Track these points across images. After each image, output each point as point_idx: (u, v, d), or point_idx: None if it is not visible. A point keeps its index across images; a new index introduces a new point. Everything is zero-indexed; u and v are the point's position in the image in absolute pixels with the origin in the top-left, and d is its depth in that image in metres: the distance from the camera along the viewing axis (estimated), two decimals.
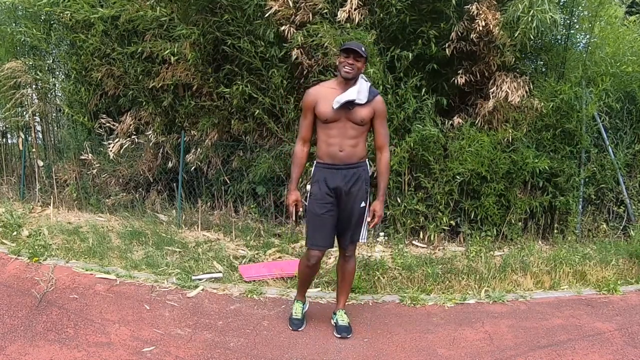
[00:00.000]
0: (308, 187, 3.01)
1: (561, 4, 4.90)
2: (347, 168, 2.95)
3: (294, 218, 3.03)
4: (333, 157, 2.94)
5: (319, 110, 2.93)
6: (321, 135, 2.99)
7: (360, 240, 3.11)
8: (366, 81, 2.97)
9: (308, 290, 3.76)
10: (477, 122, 4.88)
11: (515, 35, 4.36)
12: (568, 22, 5.02)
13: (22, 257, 4.20)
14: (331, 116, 2.91)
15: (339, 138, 2.93)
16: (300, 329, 3.16)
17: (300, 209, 3.05)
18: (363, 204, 3.01)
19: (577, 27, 5.09)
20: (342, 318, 3.18)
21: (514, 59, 4.71)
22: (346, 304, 3.57)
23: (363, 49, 2.90)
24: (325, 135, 2.96)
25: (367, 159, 3.08)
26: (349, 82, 2.90)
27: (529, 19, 4.18)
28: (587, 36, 5.01)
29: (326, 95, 2.92)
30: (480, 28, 4.38)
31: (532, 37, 4.44)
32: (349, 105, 2.89)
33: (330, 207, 2.96)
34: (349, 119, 2.91)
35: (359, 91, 2.90)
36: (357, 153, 2.96)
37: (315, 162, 3.06)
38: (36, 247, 4.34)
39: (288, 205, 3.03)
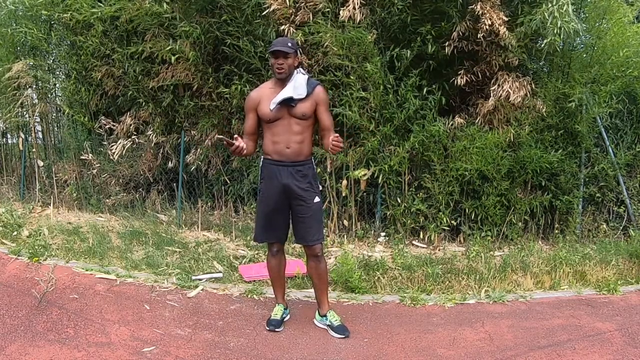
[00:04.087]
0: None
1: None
2: (293, 165, 2.98)
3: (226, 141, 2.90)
4: (280, 154, 2.98)
5: (261, 112, 2.99)
6: (267, 134, 3.04)
7: (323, 237, 3.14)
8: (304, 74, 2.99)
9: (309, 290, 3.78)
10: (477, 121, 4.88)
11: (543, 45, 4.39)
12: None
13: (22, 257, 4.20)
14: (273, 116, 2.95)
15: (285, 135, 2.97)
16: (277, 330, 3.13)
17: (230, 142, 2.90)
18: (317, 199, 3.04)
19: (584, 27, 5.07)
20: (335, 318, 3.17)
21: (517, 60, 4.71)
22: (346, 304, 3.59)
23: (289, 44, 2.91)
24: (270, 134, 3.01)
25: (312, 157, 3.12)
26: (284, 80, 2.94)
27: (557, 30, 4.19)
28: (594, 38, 4.99)
29: (267, 96, 2.98)
30: (487, 27, 4.38)
31: (558, 48, 4.51)
32: (291, 102, 2.92)
33: (279, 204, 3.01)
34: (292, 115, 2.95)
35: (296, 87, 2.93)
36: (304, 150, 3.00)
37: (262, 158, 3.09)
38: (36, 247, 4.34)
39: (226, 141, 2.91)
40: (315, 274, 3.16)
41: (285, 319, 3.26)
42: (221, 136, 3.03)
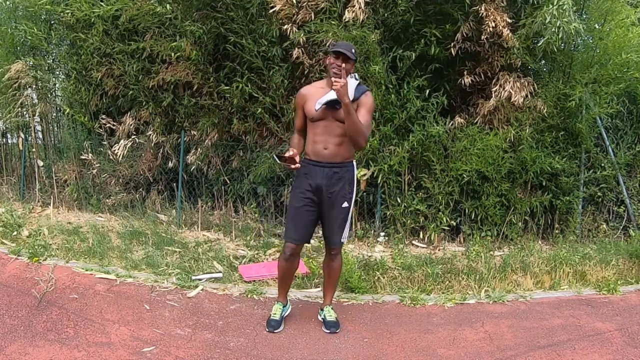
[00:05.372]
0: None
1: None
2: (330, 166, 2.99)
3: (285, 160, 2.91)
4: (317, 155, 2.99)
5: (307, 109, 3.01)
6: (309, 133, 3.06)
7: (342, 241, 3.13)
8: (356, 80, 3.00)
9: (309, 290, 3.79)
10: (477, 121, 4.89)
11: (540, 44, 4.40)
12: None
13: (22, 257, 4.20)
14: (317, 115, 2.97)
15: (325, 136, 2.97)
16: (276, 331, 3.13)
17: (289, 158, 2.93)
18: (346, 204, 3.04)
19: (585, 28, 5.07)
20: (329, 314, 3.23)
21: (520, 61, 4.70)
22: (346, 304, 3.59)
23: (353, 50, 2.93)
24: (312, 133, 3.03)
25: (354, 161, 3.10)
26: None
27: (555, 30, 4.20)
28: (596, 39, 4.99)
29: (315, 95, 2.99)
30: (490, 29, 4.38)
31: (556, 48, 4.53)
32: (336, 104, 2.91)
33: (309, 202, 3.01)
34: (335, 117, 2.95)
35: None
36: (342, 152, 2.99)
37: (303, 157, 3.11)
38: (36, 247, 4.34)
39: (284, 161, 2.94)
40: (327, 269, 3.25)
41: (284, 315, 3.27)
42: (282, 156, 2.92)
